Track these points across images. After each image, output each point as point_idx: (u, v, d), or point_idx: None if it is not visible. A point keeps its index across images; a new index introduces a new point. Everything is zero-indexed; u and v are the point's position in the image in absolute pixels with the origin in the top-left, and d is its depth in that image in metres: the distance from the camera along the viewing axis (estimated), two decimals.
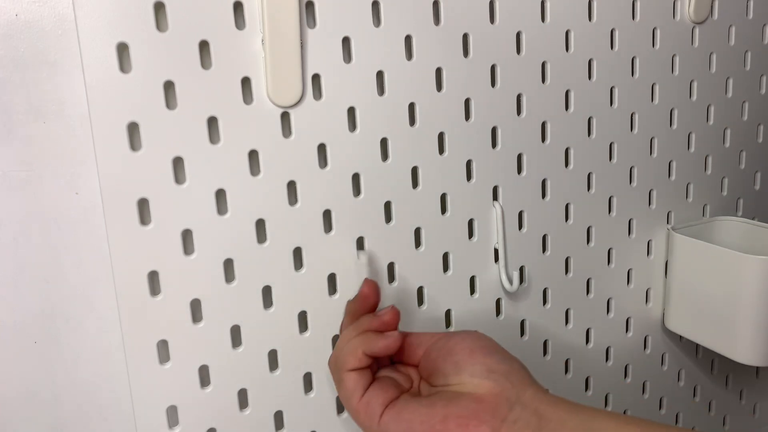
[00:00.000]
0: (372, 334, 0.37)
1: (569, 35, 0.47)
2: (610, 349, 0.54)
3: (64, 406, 0.40)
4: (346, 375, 0.36)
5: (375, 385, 0.36)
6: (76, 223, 0.38)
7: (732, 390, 0.61)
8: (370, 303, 0.40)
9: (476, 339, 0.37)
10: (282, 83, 0.39)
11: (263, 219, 0.40)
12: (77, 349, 0.39)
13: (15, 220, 0.37)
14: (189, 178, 0.38)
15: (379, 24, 0.41)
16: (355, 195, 0.42)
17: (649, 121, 0.51)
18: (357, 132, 0.42)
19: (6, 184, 0.37)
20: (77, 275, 0.39)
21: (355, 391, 0.36)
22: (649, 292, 0.54)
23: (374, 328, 0.37)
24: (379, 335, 0.36)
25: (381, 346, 0.36)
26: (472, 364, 0.35)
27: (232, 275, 0.40)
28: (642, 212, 0.53)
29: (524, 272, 0.49)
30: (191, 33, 0.37)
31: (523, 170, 0.47)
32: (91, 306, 0.39)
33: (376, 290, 0.40)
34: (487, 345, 0.37)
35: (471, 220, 0.46)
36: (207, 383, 0.41)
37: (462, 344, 0.37)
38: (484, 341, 0.37)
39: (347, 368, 0.36)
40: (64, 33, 0.36)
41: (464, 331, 0.39)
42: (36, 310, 0.38)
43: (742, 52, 0.54)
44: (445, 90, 0.43)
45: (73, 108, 0.37)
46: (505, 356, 0.37)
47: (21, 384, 0.39)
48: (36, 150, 0.37)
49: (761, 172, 0.58)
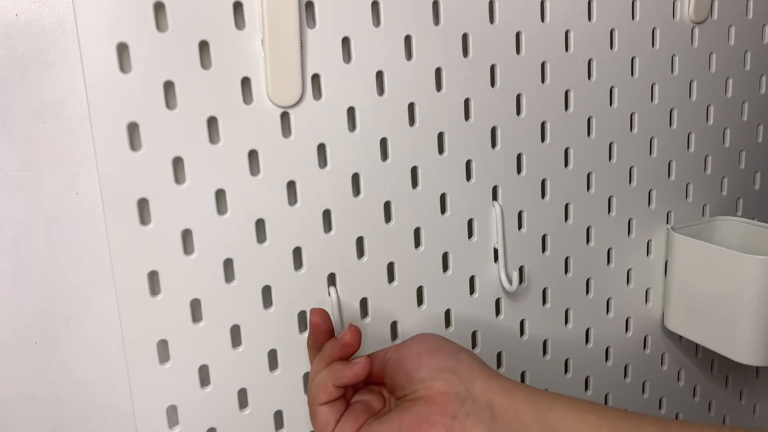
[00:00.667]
0: (339, 364, 0.36)
1: (569, 35, 0.47)
2: (610, 348, 0.54)
3: (64, 406, 0.40)
4: (318, 410, 0.36)
5: (345, 415, 0.36)
6: (76, 223, 0.38)
7: (732, 390, 0.61)
8: (353, 351, 0.38)
9: (421, 342, 0.37)
10: (282, 83, 0.39)
11: (263, 219, 0.40)
12: (77, 349, 0.39)
13: (15, 220, 0.37)
14: (189, 178, 0.38)
15: (378, 24, 0.41)
16: (355, 195, 0.42)
17: (649, 121, 0.51)
18: (357, 132, 0.42)
19: (6, 184, 0.37)
20: (77, 275, 0.39)
21: (326, 425, 0.35)
22: (648, 292, 0.54)
23: (338, 353, 0.36)
24: (346, 365, 0.36)
25: (349, 375, 0.35)
26: (419, 368, 0.35)
27: (231, 275, 0.40)
28: (642, 212, 0.53)
29: (524, 272, 0.49)
30: (191, 33, 0.37)
31: (522, 170, 0.47)
32: (91, 306, 0.39)
33: (358, 337, 0.37)
34: (432, 345, 0.37)
35: (470, 219, 0.46)
36: (207, 383, 0.41)
37: (409, 352, 0.36)
38: (429, 342, 0.37)
39: (318, 402, 0.36)
40: (64, 33, 0.36)
41: (412, 338, 0.38)
42: (36, 310, 0.38)
43: (741, 52, 0.54)
44: (444, 90, 0.44)
45: (73, 108, 0.37)
46: (452, 350, 0.36)
47: (21, 384, 0.39)
48: (36, 150, 0.37)
49: (761, 172, 0.58)
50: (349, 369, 0.35)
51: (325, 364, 0.37)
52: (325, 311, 0.39)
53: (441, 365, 0.35)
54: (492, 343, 0.48)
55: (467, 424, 0.32)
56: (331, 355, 0.37)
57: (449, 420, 0.32)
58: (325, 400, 0.36)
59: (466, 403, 0.33)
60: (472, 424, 0.32)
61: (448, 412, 0.33)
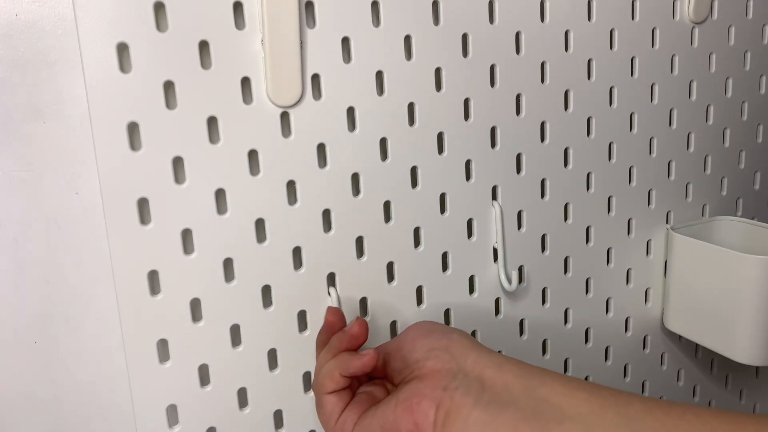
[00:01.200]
0: (347, 354, 0.36)
1: (568, 35, 0.47)
2: (610, 348, 0.54)
3: (64, 406, 0.40)
4: (325, 398, 0.36)
5: (350, 405, 0.36)
6: (76, 223, 0.38)
7: (732, 390, 0.61)
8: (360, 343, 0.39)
9: (417, 328, 0.38)
10: (282, 83, 0.39)
11: (263, 218, 0.40)
12: (77, 349, 0.39)
13: (15, 220, 0.37)
14: (189, 177, 0.38)
15: (378, 24, 0.41)
16: (355, 195, 0.42)
17: (649, 121, 0.51)
18: (356, 132, 0.42)
19: (6, 184, 0.37)
20: (77, 275, 0.39)
21: (332, 414, 0.36)
22: (648, 291, 0.54)
23: (345, 344, 0.37)
24: (354, 355, 0.36)
25: (357, 365, 0.35)
26: (414, 351, 0.36)
27: (231, 275, 0.40)
28: (641, 212, 0.53)
29: (523, 272, 0.49)
30: (191, 33, 0.37)
31: (522, 170, 0.47)
32: (91, 306, 0.39)
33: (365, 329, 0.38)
34: (426, 329, 0.38)
35: (470, 219, 0.46)
36: (207, 382, 0.41)
37: (406, 338, 0.38)
38: (424, 327, 0.38)
39: (325, 391, 0.36)
40: (64, 33, 0.36)
41: (408, 327, 0.39)
42: (36, 310, 0.38)
43: (741, 52, 0.54)
44: (444, 90, 0.44)
45: (73, 108, 0.37)
46: (445, 331, 0.37)
47: (21, 384, 0.39)
48: (36, 150, 0.37)
49: (761, 171, 0.58)
50: (357, 360, 0.36)
51: (332, 356, 0.37)
52: (341, 311, 0.40)
53: (434, 344, 0.36)
54: (491, 343, 0.48)
55: (456, 396, 0.33)
56: (338, 347, 0.37)
57: (439, 392, 0.33)
58: (332, 389, 0.36)
59: (457, 378, 0.34)
60: (461, 395, 0.33)
61: (439, 386, 0.34)
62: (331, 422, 0.36)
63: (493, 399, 0.32)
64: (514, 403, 0.32)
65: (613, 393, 0.31)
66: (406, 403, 0.34)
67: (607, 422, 0.29)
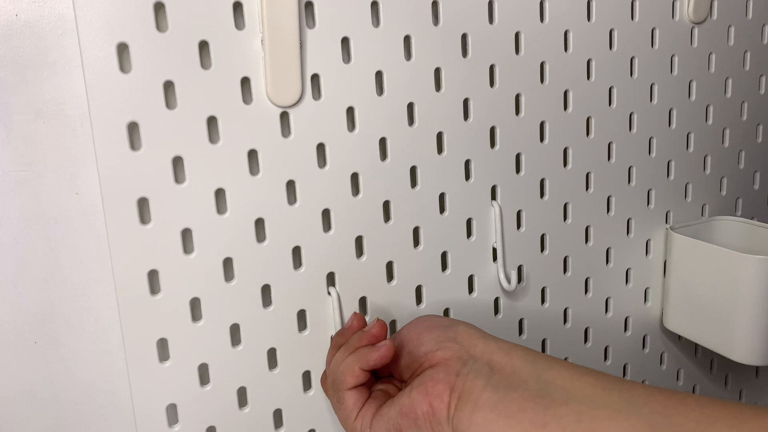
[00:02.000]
0: (364, 349, 0.37)
1: (568, 35, 0.47)
2: (609, 348, 0.54)
3: (64, 406, 0.40)
4: (346, 394, 0.37)
5: (368, 401, 0.37)
6: (76, 223, 0.38)
7: (731, 390, 0.61)
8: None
9: (420, 323, 0.39)
10: (281, 83, 0.39)
11: (262, 218, 0.40)
12: (77, 349, 0.39)
13: (15, 220, 0.37)
14: (189, 177, 0.38)
15: (378, 24, 0.41)
16: (354, 194, 0.43)
17: (648, 121, 0.51)
18: (356, 132, 0.42)
19: (6, 184, 0.37)
20: (77, 275, 0.39)
21: (353, 410, 0.37)
22: (647, 291, 0.54)
23: (365, 344, 0.38)
24: (371, 348, 0.37)
25: (375, 357, 0.36)
26: (421, 345, 0.37)
27: (231, 274, 0.40)
28: (641, 212, 0.53)
29: (522, 271, 0.49)
30: (191, 33, 0.37)
31: (521, 170, 0.47)
32: (91, 306, 0.39)
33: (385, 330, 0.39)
34: (430, 323, 0.39)
35: (469, 219, 0.46)
36: (206, 381, 0.41)
37: (410, 333, 0.39)
38: (426, 321, 0.39)
39: (346, 387, 0.37)
40: (64, 33, 0.36)
41: (409, 322, 0.40)
42: (36, 310, 0.38)
43: (741, 52, 0.55)
44: (443, 90, 0.44)
45: (73, 108, 0.37)
46: (449, 324, 0.38)
47: (21, 384, 0.39)
48: (36, 150, 0.37)
49: (760, 171, 0.58)
50: (375, 351, 0.36)
51: (349, 354, 0.38)
52: (363, 317, 0.41)
53: (443, 336, 0.37)
54: None
55: (468, 380, 0.34)
56: (357, 346, 0.38)
57: (453, 377, 0.35)
58: (352, 384, 0.37)
59: (468, 363, 0.35)
60: (472, 378, 0.34)
61: (452, 372, 0.35)
62: (351, 418, 0.37)
63: (502, 381, 0.34)
64: (522, 385, 0.33)
65: (617, 379, 0.33)
66: (422, 387, 0.35)
67: (610, 404, 0.31)
